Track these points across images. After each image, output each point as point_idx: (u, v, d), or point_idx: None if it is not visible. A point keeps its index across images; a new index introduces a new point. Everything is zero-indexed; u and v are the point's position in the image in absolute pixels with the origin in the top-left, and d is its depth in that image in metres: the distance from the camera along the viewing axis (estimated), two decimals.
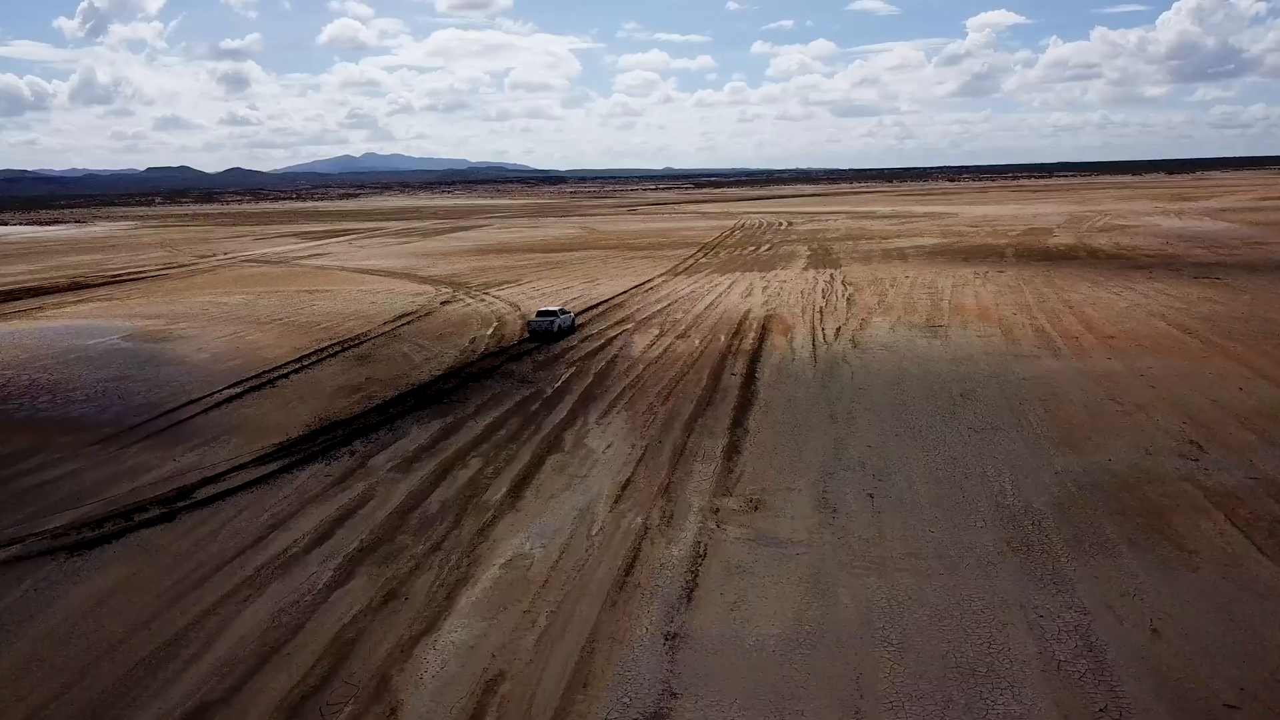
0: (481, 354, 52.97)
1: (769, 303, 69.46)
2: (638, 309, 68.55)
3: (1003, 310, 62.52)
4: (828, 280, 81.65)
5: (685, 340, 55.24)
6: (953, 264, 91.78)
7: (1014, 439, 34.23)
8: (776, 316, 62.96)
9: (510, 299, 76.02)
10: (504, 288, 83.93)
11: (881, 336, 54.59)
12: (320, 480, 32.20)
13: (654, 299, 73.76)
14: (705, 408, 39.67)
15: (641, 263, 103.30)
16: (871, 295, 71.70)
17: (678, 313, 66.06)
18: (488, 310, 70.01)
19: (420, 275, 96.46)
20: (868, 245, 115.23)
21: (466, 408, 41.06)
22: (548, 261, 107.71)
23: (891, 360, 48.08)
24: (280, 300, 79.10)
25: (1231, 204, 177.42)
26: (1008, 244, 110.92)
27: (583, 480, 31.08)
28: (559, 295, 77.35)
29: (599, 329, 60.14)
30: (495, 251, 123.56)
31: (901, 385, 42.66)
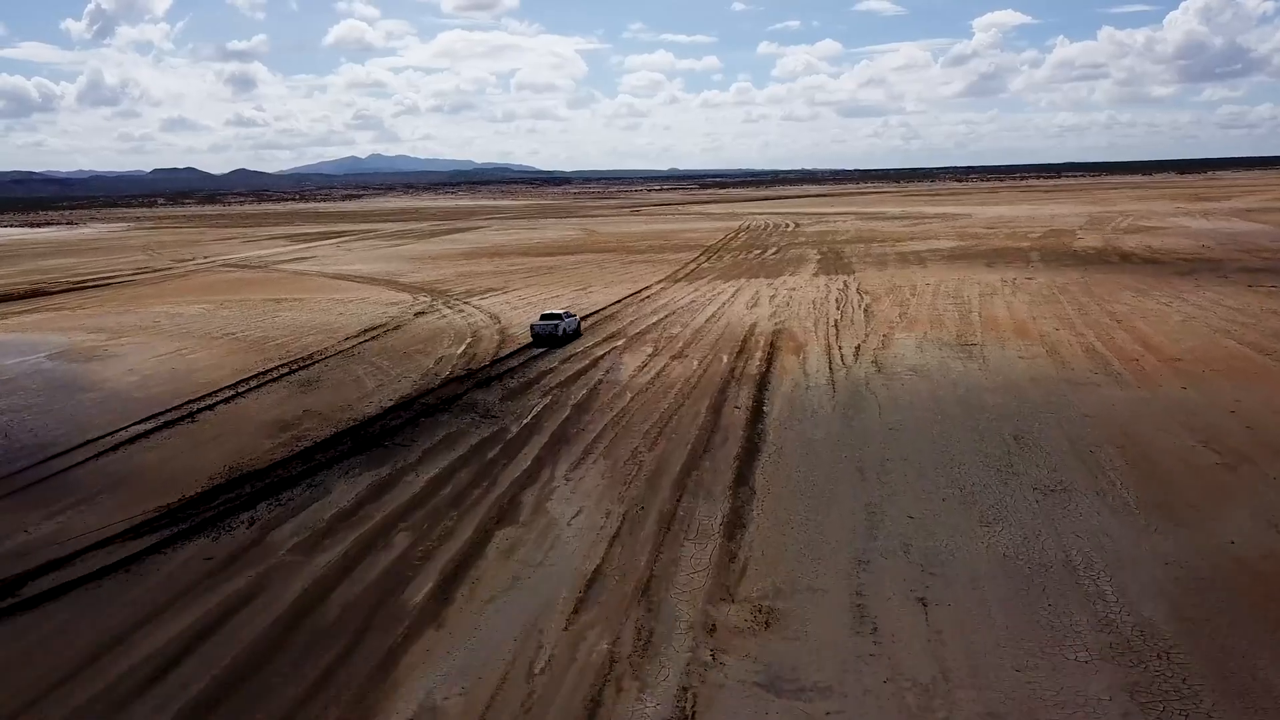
0: (445, 379, 45.17)
1: (777, 315, 61.56)
2: (631, 322, 60.72)
3: (1042, 324, 54.54)
4: (841, 288, 73.71)
5: (682, 361, 47.39)
6: (975, 269, 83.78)
7: (1094, 506, 26.33)
8: (786, 332, 55.09)
9: (491, 309, 68.24)
10: (487, 296, 76.14)
11: (908, 357, 46.68)
12: (199, 565, 24.44)
13: (650, 310, 65.92)
14: (702, 455, 31.83)
15: (640, 267, 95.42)
16: (891, 306, 63.77)
17: (675, 326, 58.21)
18: (463, 323, 62.22)
19: (401, 282, 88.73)
20: (881, 248, 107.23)
21: (410, 453, 33.27)
22: (540, 266, 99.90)
23: (923, 389, 40.18)
24: (243, 311, 71.47)
25: (1254, 204, 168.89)
26: (1030, 247, 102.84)
27: (536, 571, 23.27)
28: (546, 305, 69.49)
29: (584, 346, 52.32)
30: (487, 255, 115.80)
31: (940, 424, 34.76)
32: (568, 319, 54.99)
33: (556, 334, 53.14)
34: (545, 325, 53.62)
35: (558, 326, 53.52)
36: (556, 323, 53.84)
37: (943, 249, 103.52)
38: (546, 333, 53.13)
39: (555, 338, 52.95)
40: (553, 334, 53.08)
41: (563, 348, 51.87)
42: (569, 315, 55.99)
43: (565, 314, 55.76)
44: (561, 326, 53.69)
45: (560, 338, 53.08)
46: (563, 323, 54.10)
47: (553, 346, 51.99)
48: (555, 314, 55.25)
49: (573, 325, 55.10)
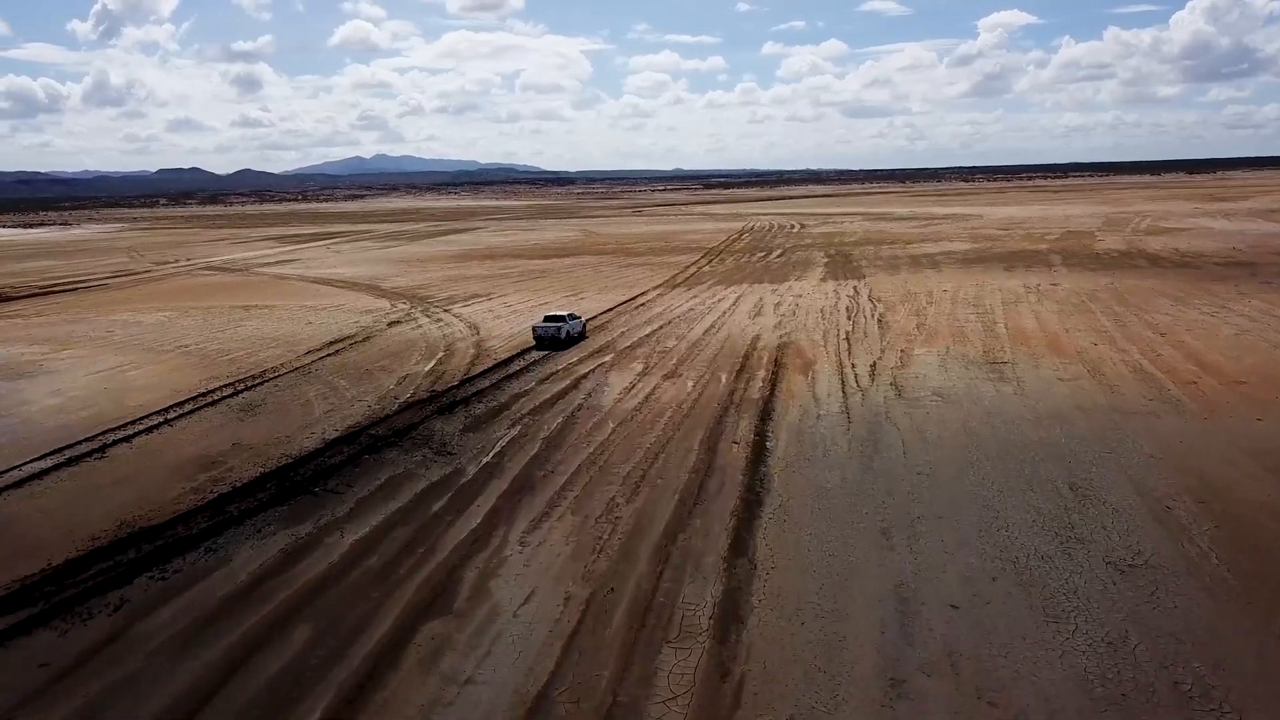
0: (404, 403, 39.32)
1: (782, 325, 55.62)
2: (622, 333, 54.82)
3: (1077, 338, 48.55)
4: (851, 295, 67.73)
5: (674, 382, 41.51)
6: (993, 273, 77.76)
7: (1190, 590, 20.42)
8: (792, 345, 49.17)
9: (472, 318, 62.40)
10: (471, 303, 70.31)
11: (932, 378, 40.74)
12: (26, 678, 18.61)
13: (644, 319, 60.02)
14: (692, 510, 25.95)
15: (637, 271, 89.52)
16: (907, 315, 57.80)
17: (670, 339, 52.31)
18: (438, 335, 56.38)
19: (383, 287, 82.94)
20: (891, 251, 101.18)
21: (341, 504, 27.43)
22: (533, 270, 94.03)
23: (953, 419, 34.25)
24: (206, 319, 65.78)
25: (1273, 204, 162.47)
26: (1049, 249, 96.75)
27: (461, 692, 17.39)
28: (531, 313, 63.67)
29: (567, 363, 46.47)
30: (479, 258, 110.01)
31: (978, 467, 28.83)
32: (572, 321, 52.02)
33: (560, 337, 50.26)
34: (548, 328, 50.60)
35: (560, 329, 50.53)
36: (560, 325, 50.81)
37: (957, 251, 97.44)
38: (549, 335, 50.20)
39: (559, 340, 50.10)
40: (555, 337, 50.18)
41: (541, 367, 46.05)
42: (573, 317, 52.89)
43: (569, 316, 52.62)
44: (565, 329, 50.75)
45: (564, 341, 50.27)
46: (566, 325, 51.12)
47: (555, 349, 49.20)
48: (559, 316, 52.17)
49: (577, 328, 52.32)
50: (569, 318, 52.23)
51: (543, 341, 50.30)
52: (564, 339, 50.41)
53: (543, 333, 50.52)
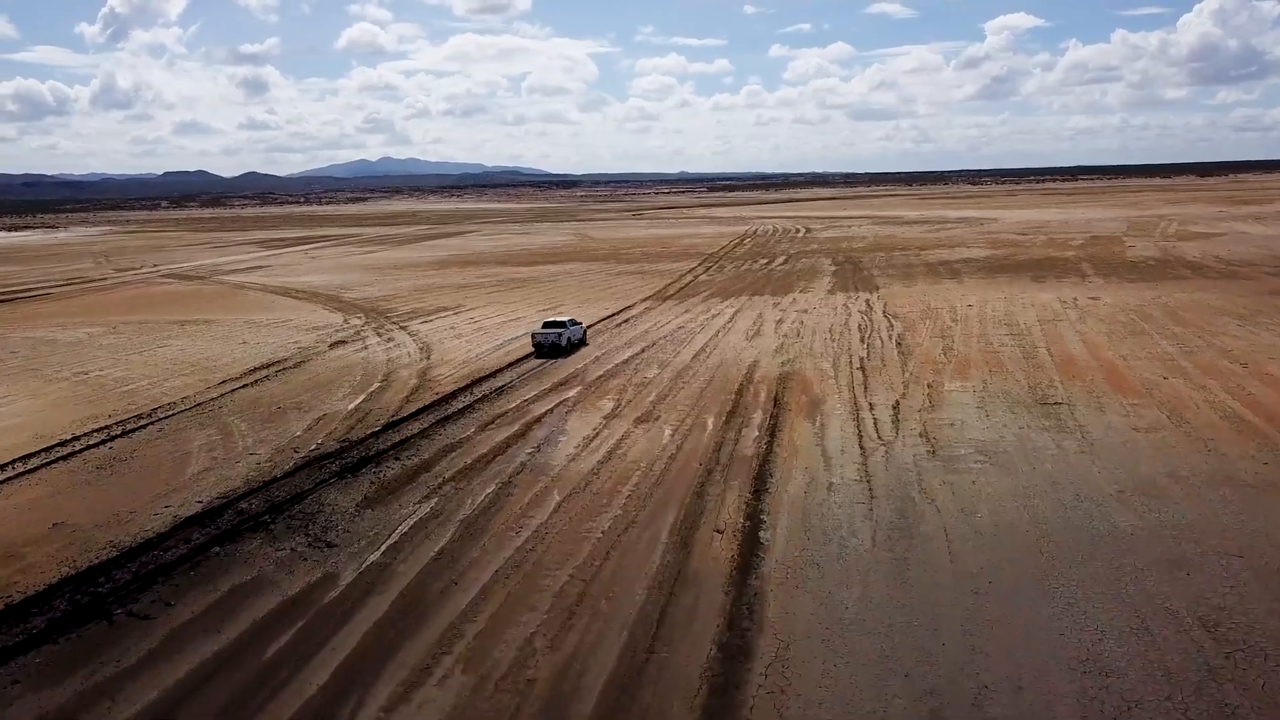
0: (301, 460, 30.69)
1: (785, 349, 46.89)
2: (597, 358, 46.18)
3: (1140, 369, 39.75)
4: (863, 310, 58.95)
5: (649, 429, 32.84)
6: (1021, 284, 68.99)
7: None
8: (796, 377, 40.45)
9: (429, 337, 53.80)
10: (435, 318, 61.73)
11: (971, 425, 32.00)
12: None
13: (625, 339, 51.35)
14: (644, 662, 17.26)
15: (627, 280, 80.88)
16: (929, 335, 49.06)
17: (651, 366, 43.65)
18: (383, 359, 47.78)
19: (345, 298, 74.44)
20: (904, 257, 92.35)
21: (143, 639, 18.79)
22: (514, 278, 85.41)
23: (1008, 492, 25.51)
24: (131, 337, 57.39)
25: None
26: (1077, 256, 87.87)
27: None
28: (499, 329, 55.16)
29: (521, 399, 37.83)
30: (460, 264, 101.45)
31: (1058, 581, 20.06)
32: (572, 327, 49.06)
33: (560, 344, 47.05)
34: (547, 334, 47.34)
35: (562, 335, 47.33)
36: (560, 331, 47.59)
37: (976, 259, 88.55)
38: (549, 343, 46.94)
39: (559, 348, 46.90)
40: (555, 344, 46.92)
41: (488, 406, 37.37)
42: (574, 323, 49.98)
43: (570, 321, 49.69)
44: (566, 335, 47.65)
45: (565, 348, 47.14)
46: (567, 331, 47.98)
47: (555, 357, 46.20)
48: (559, 321, 49.21)
49: (578, 334, 49.56)
50: (569, 323, 49.01)
51: (542, 349, 46.83)
52: (565, 346, 47.15)
53: (542, 339, 47.03)
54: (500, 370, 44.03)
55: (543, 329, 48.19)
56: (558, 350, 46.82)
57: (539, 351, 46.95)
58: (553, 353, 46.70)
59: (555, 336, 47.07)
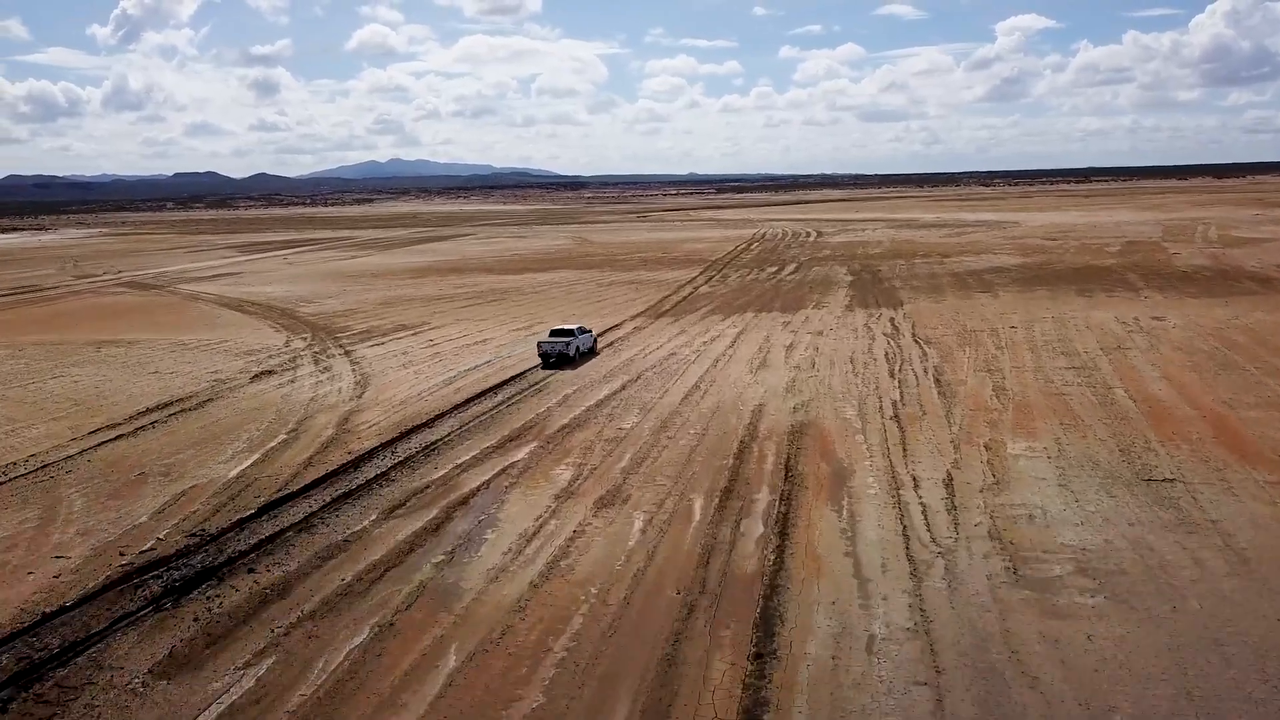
0: (120, 571, 21.54)
1: (797, 386, 37.58)
2: (564, 398, 36.97)
3: (1256, 421, 30.33)
4: (889, 331, 49.60)
5: (610, 520, 23.58)
6: (1065, 298, 59.57)
7: None
8: (813, 430, 31.15)
9: (372, 366, 44.68)
10: (389, 339, 52.60)
11: (1057, 518, 22.64)
12: None
13: (604, 371, 42.11)
14: None
15: (619, 292, 71.68)
16: (973, 367, 39.74)
17: (630, 412, 34.41)
18: (305, 398, 38.61)
19: (299, 313, 65.42)
20: (926, 265, 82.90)
21: None
22: (494, 289, 76.24)
23: (1147, 656, 16.20)
24: (30, 363, 48.56)
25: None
26: (1119, 265, 78.29)
27: None
28: (458, 356, 46.09)
29: (453, 463, 28.63)
30: (443, 272, 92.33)
31: None
32: (581, 335, 45.19)
33: (568, 354, 43.53)
34: (554, 344, 43.73)
35: (569, 345, 43.77)
36: (568, 340, 43.97)
37: (1007, 267, 79.02)
38: (555, 353, 43.40)
39: (566, 357, 43.38)
40: (563, 354, 43.42)
41: (410, 472, 28.12)
42: (583, 331, 45.97)
43: (579, 329, 45.61)
44: (574, 345, 44.09)
45: (573, 358, 43.58)
46: (575, 340, 44.34)
47: (562, 367, 42.58)
48: (567, 330, 45.25)
49: (587, 343, 45.66)
50: (578, 331, 45.12)
51: (548, 359, 43.23)
52: (573, 356, 43.49)
53: (549, 349, 43.38)
54: (441, 416, 34.83)
55: (549, 338, 44.39)
56: (565, 360, 42.89)
57: (544, 362, 43.04)
58: (560, 363, 42.78)
59: (563, 346, 43.22)
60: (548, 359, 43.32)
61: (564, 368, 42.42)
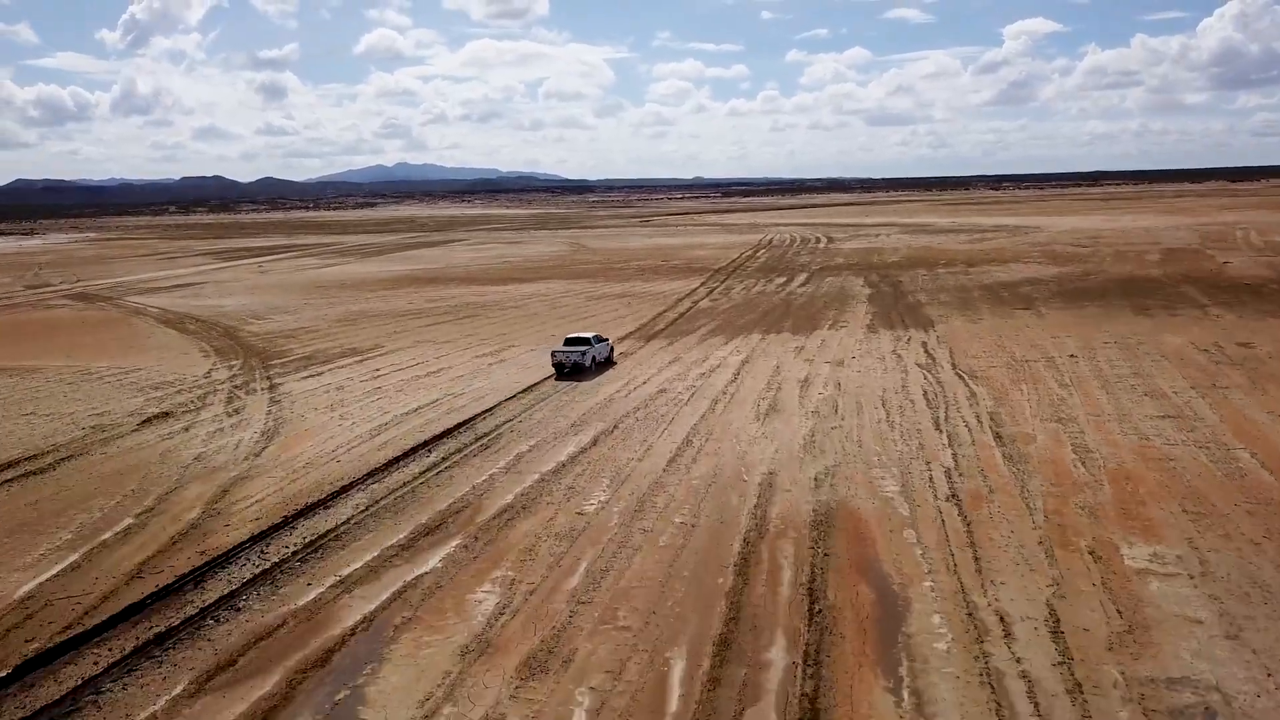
0: None
1: (818, 443, 28.77)
2: (509, 466, 28.23)
3: None
4: (924, 361, 40.77)
5: (538, 704, 14.79)
6: (1119, 316, 50.79)
7: None
8: (843, 519, 22.37)
9: (293, 407, 36.02)
10: (329, 368, 43.97)
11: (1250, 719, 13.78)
12: None
13: (572, 418, 33.34)
14: None
15: (610, 308, 62.96)
16: (1038, 414, 30.94)
17: (597, 485, 25.66)
18: (194, 453, 29.89)
19: (242, 332, 56.88)
20: (952, 276, 74.02)
21: None
22: (471, 303, 67.56)
23: None
24: None
25: None
26: (1166, 275, 69.34)
27: None
28: (400, 395, 37.46)
29: (335, 576, 19.95)
30: (418, 283, 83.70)
31: None
32: (598, 345, 42.98)
33: (584, 364, 41.15)
34: (570, 353, 41.37)
35: (585, 354, 41.37)
36: (584, 350, 41.50)
37: (1043, 278, 70.09)
38: (571, 363, 41.05)
39: (581, 367, 41.02)
40: (578, 364, 41.05)
41: (256, 601, 19.35)
42: (600, 339, 43.72)
43: (595, 338, 43.45)
44: (590, 354, 41.70)
45: (588, 367, 41.29)
46: (592, 349, 42.02)
47: (576, 376, 40.23)
48: (582, 338, 43.14)
49: (604, 352, 43.35)
50: (594, 340, 42.74)
51: (562, 370, 40.83)
52: (589, 365, 41.12)
53: (563, 359, 40.97)
54: (350, 488, 26.14)
55: (564, 346, 41.73)
56: (580, 370, 40.31)
57: (559, 373, 40.28)
58: (574, 373, 40.18)
59: (578, 355, 40.64)
60: (562, 369, 40.49)
61: (579, 378, 39.36)
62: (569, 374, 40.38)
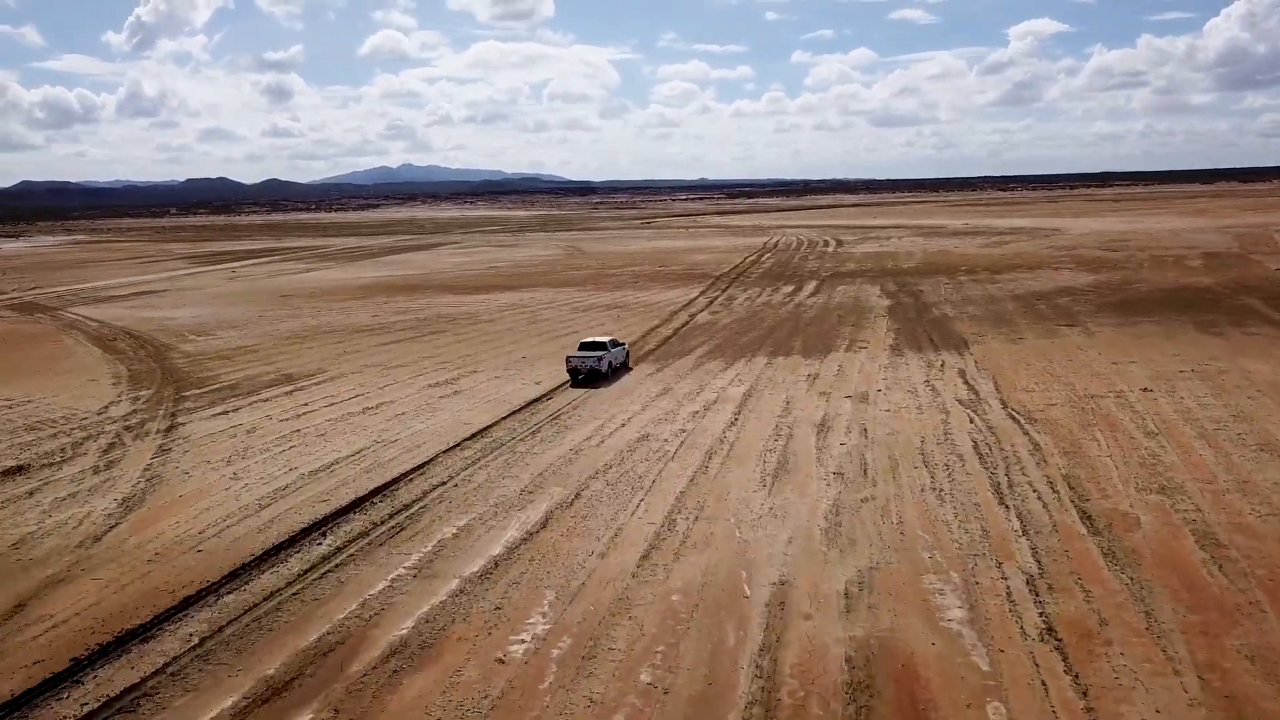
0: None
1: (844, 532, 21.06)
2: (419, 568, 20.58)
3: None
4: (965, 396, 33.00)
5: None
6: (1183, 334, 43.09)
7: None
8: (892, 676, 14.65)
9: (185, 458, 28.43)
10: (251, 401, 36.38)
11: None
12: None
13: (526, 479, 25.66)
14: None
15: (595, 320, 55.27)
16: (1132, 483, 23.23)
17: (532, 607, 18.00)
18: (26, 531, 22.32)
19: (175, 352, 49.52)
20: (976, 284, 66.26)
21: None
22: (441, 315, 59.96)
23: None
24: None
25: None
26: (1216, 283, 61.60)
27: None
28: (322, 439, 29.81)
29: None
30: (391, 291, 76.13)
31: None
32: (614, 349, 39.61)
33: (600, 369, 37.77)
34: (584, 359, 37.77)
35: (601, 360, 37.98)
36: (600, 355, 38.11)
37: (1079, 287, 62.27)
38: (587, 368, 37.51)
39: (598, 374, 37.59)
40: (594, 370, 37.61)
41: None
42: (615, 344, 40.30)
43: (611, 342, 39.91)
44: (607, 360, 38.38)
45: (605, 374, 37.90)
46: (608, 355, 38.65)
47: (592, 383, 36.93)
48: (598, 342, 39.48)
49: (620, 357, 40.09)
50: (611, 345, 39.86)
51: (577, 376, 37.82)
52: (606, 372, 38.26)
53: (578, 364, 37.95)
54: (195, 601, 18.55)
55: (579, 351, 39.09)
56: (597, 376, 37.78)
57: (573, 379, 37.82)
58: (590, 379, 37.66)
59: (594, 361, 38.05)
60: (577, 375, 37.75)
61: (596, 385, 36.84)
62: (584, 381, 37.47)
